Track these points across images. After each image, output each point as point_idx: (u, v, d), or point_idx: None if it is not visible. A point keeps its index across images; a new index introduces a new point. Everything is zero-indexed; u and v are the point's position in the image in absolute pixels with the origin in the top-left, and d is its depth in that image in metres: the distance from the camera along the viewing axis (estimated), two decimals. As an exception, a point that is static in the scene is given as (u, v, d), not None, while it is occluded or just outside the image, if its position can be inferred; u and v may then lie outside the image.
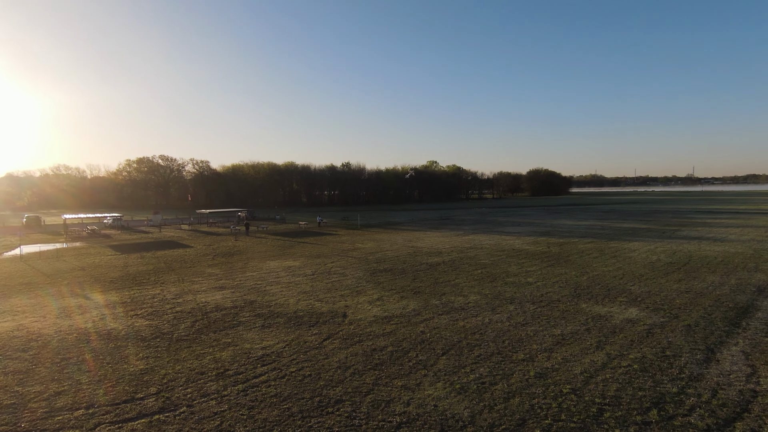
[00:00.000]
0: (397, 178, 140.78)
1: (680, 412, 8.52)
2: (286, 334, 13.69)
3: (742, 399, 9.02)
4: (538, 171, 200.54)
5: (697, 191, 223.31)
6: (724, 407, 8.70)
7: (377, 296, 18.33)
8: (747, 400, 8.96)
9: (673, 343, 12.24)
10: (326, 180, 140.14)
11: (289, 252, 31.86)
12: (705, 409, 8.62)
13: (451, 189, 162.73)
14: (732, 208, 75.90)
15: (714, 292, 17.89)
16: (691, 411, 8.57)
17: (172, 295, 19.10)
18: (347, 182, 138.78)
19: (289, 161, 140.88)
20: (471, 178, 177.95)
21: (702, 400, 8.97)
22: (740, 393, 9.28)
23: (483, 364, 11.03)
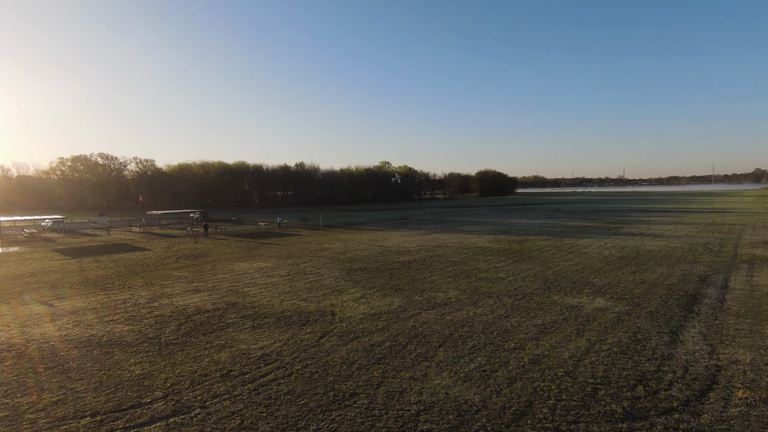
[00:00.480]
0: (351, 178, 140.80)
1: (662, 387, 9.58)
2: (280, 333, 13.69)
3: (710, 373, 10.27)
4: (487, 172, 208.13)
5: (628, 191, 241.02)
6: (696, 381, 9.88)
7: (360, 294, 18.62)
8: (713, 374, 10.21)
9: (641, 328, 13.55)
10: (279, 180, 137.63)
11: (256, 253, 31.29)
12: (681, 383, 9.75)
13: (404, 189, 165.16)
14: (662, 207, 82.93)
15: (665, 283, 19.79)
16: (670, 385, 9.66)
17: (145, 299, 18.35)
18: (301, 182, 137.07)
19: (240, 161, 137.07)
20: (423, 178, 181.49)
21: (677, 376, 10.12)
22: (706, 368, 10.55)
23: (479, 354, 11.69)
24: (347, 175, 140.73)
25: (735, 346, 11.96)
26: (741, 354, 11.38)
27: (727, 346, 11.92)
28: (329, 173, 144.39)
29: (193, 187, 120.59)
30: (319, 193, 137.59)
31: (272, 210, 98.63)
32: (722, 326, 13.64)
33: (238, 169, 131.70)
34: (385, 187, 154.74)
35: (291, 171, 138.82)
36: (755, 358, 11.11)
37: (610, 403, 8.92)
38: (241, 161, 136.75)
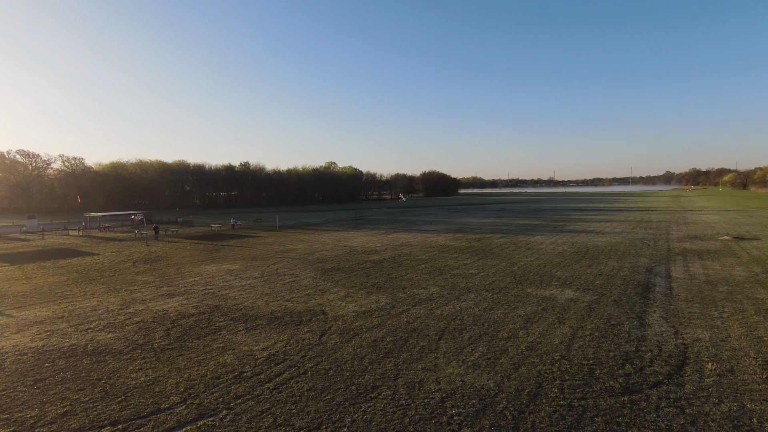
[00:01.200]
0: (299, 178, 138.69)
1: (645, 364, 10.83)
2: (278, 334, 13.66)
3: (680, 350, 11.73)
4: (432, 173, 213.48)
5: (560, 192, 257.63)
6: (671, 357, 11.26)
7: (344, 293, 18.84)
8: (683, 351, 11.68)
9: (612, 315, 15.02)
10: (223, 180, 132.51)
11: (219, 256, 30.32)
12: (660, 360, 11.07)
13: (351, 190, 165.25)
14: (594, 207, 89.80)
15: (618, 274, 21.84)
16: (651, 362, 10.95)
17: (116, 306, 17.37)
18: (246, 183, 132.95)
19: (181, 160, 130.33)
20: (371, 179, 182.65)
21: (655, 354, 11.46)
22: (676, 346, 12.02)
23: (478, 344, 12.45)
24: (294, 176, 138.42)
25: (693, 326, 13.66)
26: (700, 333, 13.04)
27: (686, 327, 13.58)
28: (276, 174, 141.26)
29: (127, 188, 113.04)
30: (265, 193, 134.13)
31: (217, 211, 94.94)
32: (677, 310, 15.45)
33: (179, 169, 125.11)
34: (332, 187, 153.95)
35: (235, 171, 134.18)
36: (712, 336, 12.79)
37: (608, 380, 9.98)
38: (181, 160, 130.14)
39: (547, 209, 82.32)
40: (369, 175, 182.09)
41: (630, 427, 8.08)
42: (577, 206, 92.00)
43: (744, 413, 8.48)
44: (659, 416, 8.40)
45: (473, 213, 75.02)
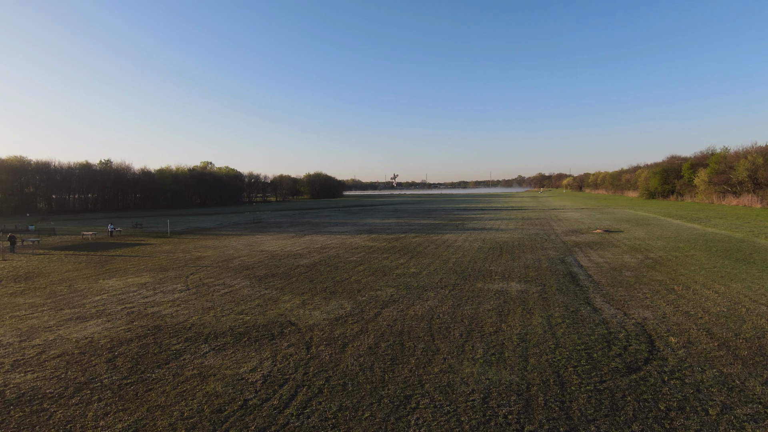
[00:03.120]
0: (174, 179, 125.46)
1: (625, 344, 12.04)
2: (257, 351, 12.04)
3: (641, 329, 13.32)
4: (318, 175, 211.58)
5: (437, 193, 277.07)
6: (639, 336, 12.71)
7: (299, 301, 17.46)
8: (644, 330, 13.29)
9: (565, 303, 16.46)
10: (77, 181, 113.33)
11: (114, 268, 25.76)
12: (633, 340, 12.42)
13: (233, 192, 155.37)
14: (476, 207, 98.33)
15: (542, 266, 24.11)
16: (629, 341, 12.23)
17: (12, 337, 13.56)
18: (109, 184, 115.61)
19: (18, 156, 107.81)
20: (254, 180, 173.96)
21: (626, 334, 12.83)
22: (636, 326, 13.64)
23: (473, 341, 12.55)
24: (169, 176, 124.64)
25: (633, 308, 15.66)
26: (642, 313, 15.00)
27: (630, 309, 15.51)
28: (145, 174, 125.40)
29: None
30: (134, 196, 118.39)
31: (72, 217, 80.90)
32: (610, 295, 17.58)
33: (16, 167, 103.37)
34: (213, 189, 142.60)
35: (94, 170, 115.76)
36: (653, 314, 14.80)
37: (609, 362, 10.86)
38: (18, 156, 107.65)
39: (436, 210, 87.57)
40: (252, 176, 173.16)
41: (657, 401, 8.87)
42: (461, 206, 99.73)
43: (727, 377, 9.94)
44: (671, 390, 9.39)
45: (371, 214, 76.24)
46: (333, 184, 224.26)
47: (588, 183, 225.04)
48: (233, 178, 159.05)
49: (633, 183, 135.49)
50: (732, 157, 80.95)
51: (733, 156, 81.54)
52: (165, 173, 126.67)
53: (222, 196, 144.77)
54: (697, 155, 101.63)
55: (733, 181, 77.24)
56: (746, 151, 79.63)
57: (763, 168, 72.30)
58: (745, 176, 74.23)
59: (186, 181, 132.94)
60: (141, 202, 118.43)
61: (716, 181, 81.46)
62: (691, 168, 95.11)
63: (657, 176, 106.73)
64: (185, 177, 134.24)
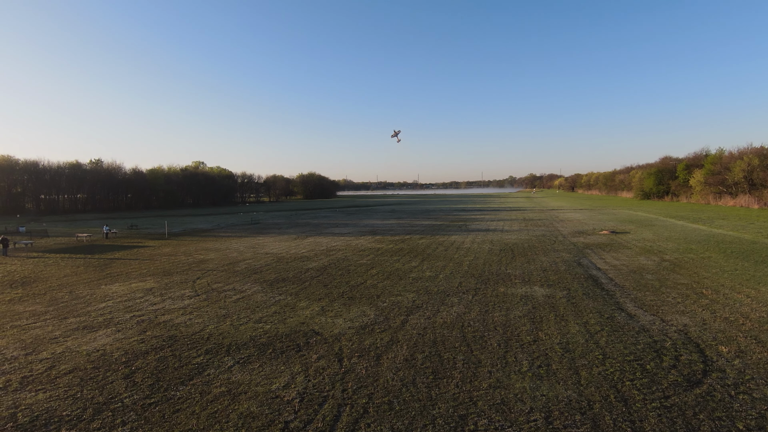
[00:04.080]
0: (167, 180, 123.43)
1: (677, 354, 11.44)
2: (285, 365, 11.22)
3: (687, 338, 12.72)
4: (311, 175, 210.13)
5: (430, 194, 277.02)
6: (686, 345, 12.11)
7: (318, 308, 16.65)
8: (690, 338, 12.70)
9: (596, 308, 15.85)
10: (67, 181, 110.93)
11: (115, 272, 24.70)
12: (683, 349, 11.80)
13: (226, 192, 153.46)
14: (474, 207, 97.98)
15: (560, 269, 23.52)
16: (678, 351, 11.61)
17: (17, 350, 12.59)
18: (99, 184, 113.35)
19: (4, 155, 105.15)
20: (247, 181, 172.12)
21: (672, 344, 12.22)
22: (679, 333, 13.05)
23: (515, 351, 11.86)
24: (161, 176, 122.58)
25: (668, 313, 15.09)
26: (680, 319, 14.43)
27: (666, 315, 14.94)
28: (136, 174, 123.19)
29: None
30: (129, 196, 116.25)
31: (62, 218, 79.01)
32: (639, 299, 17.01)
33: (2, 166, 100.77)
34: (205, 189, 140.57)
35: (84, 170, 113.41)
36: (692, 321, 14.22)
37: (665, 374, 10.22)
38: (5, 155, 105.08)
39: (434, 210, 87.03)
40: (245, 176, 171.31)
41: (733, 420, 8.24)
42: (459, 207, 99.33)
43: (795, 391, 9.36)
44: (743, 406, 8.77)
45: (369, 215, 75.44)
46: (326, 184, 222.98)
47: (581, 183, 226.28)
48: (226, 178, 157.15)
49: (627, 184, 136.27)
50: (727, 158, 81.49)
51: (728, 157, 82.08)
52: (157, 173, 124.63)
53: (215, 197, 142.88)
54: (691, 156, 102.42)
55: (729, 182, 77.75)
56: (742, 152, 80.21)
57: (759, 169, 72.85)
58: (741, 177, 74.75)
59: (178, 181, 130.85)
60: (132, 203, 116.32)
61: (712, 182, 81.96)
62: (686, 169, 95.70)
63: (652, 177, 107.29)
64: (177, 177, 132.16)
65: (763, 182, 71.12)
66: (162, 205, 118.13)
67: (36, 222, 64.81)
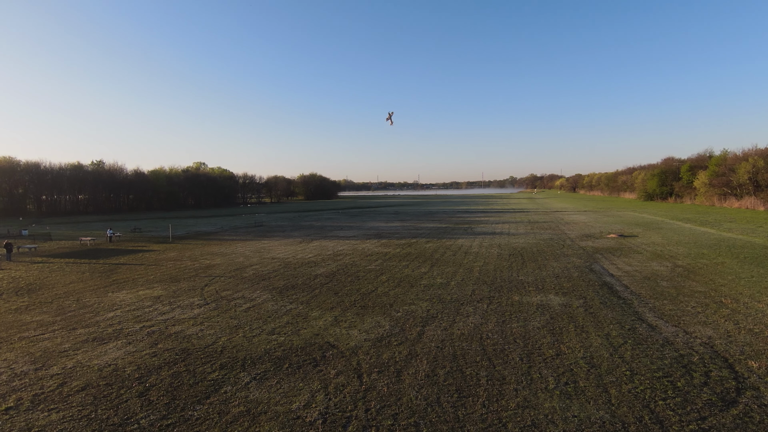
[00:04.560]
0: (168, 181, 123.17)
1: (706, 370, 11.10)
2: (304, 382, 10.90)
3: (714, 351, 12.38)
4: (313, 176, 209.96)
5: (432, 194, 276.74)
6: (715, 360, 11.77)
7: (331, 318, 16.33)
8: (714, 349, 12.36)
9: (616, 319, 15.50)
10: (68, 182, 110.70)
11: (121, 279, 24.39)
12: (711, 364, 11.47)
13: (228, 193, 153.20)
14: (477, 209, 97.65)
15: (573, 275, 23.19)
16: (707, 366, 11.28)
17: (26, 365, 12.27)
18: (101, 185, 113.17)
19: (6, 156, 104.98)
20: (249, 181, 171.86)
21: (700, 359, 11.88)
22: (704, 346, 12.72)
23: (539, 367, 11.53)
24: (163, 177, 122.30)
25: (690, 324, 14.76)
26: (703, 330, 14.10)
27: (688, 326, 14.61)
28: (138, 175, 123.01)
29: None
30: (131, 197, 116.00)
31: (65, 220, 78.74)
32: (658, 309, 16.68)
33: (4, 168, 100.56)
34: (207, 190, 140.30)
35: (85, 171, 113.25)
36: (716, 333, 13.88)
37: (698, 393, 9.89)
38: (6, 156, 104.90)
39: (437, 212, 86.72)
40: (246, 177, 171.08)
41: (777, 445, 7.92)
42: (461, 208, 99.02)
43: (836, 412, 9.03)
44: (784, 428, 8.45)
45: (373, 217, 75.12)
46: (328, 185, 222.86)
47: (582, 184, 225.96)
48: (227, 179, 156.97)
49: (629, 184, 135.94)
50: (732, 160, 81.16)
51: (733, 158, 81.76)
52: (159, 174, 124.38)
53: (217, 198, 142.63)
54: (695, 157, 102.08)
55: (734, 184, 77.40)
56: (746, 153, 79.90)
57: (764, 170, 72.48)
58: (746, 179, 74.39)
59: (180, 182, 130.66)
60: (134, 204, 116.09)
61: (716, 184, 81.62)
62: (690, 170, 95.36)
63: (655, 178, 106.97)
64: (179, 178, 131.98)
65: (769, 184, 70.77)
66: (164, 206, 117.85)
67: (38, 224, 64.54)
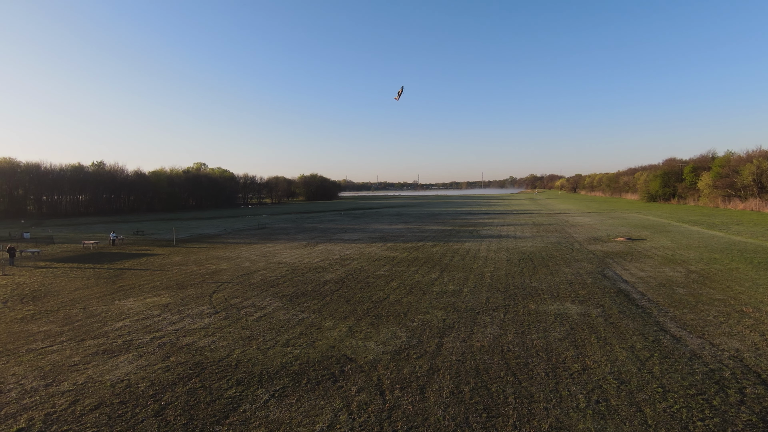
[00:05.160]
0: (170, 182, 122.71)
1: (741, 386, 10.74)
2: (324, 399, 10.53)
3: (743, 364, 12.01)
4: (314, 177, 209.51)
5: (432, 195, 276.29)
6: (747, 375, 11.41)
7: (345, 328, 15.96)
8: (744, 363, 11.99)
9: (639, 330, 15.13)
10: (69, 183, 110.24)
11: (127, 285, 24.01)
12: (746, 380, 11.10)
13: (229, 194, 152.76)
14: (480, 210, 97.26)
15: (586, 282, 22.82)
16: (741, 383, 10.92)
17: (39, 380, 11.89)
18: (102, 186, 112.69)
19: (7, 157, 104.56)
20: (249, 182, 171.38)
21: (733, 371, 11.52)
22: (733, 359, 12.35)
23: (566, 383, 11.16)
24: (164, 179, 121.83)
25: (715, 335, 14.39)
26: (729, 342, 13.73)
27: (713, 337, 14.24)
28: (139, 176, 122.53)
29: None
30: (131, 198, 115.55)
31: (66, 221, 78.33)
32: (678, 318, 16.31)
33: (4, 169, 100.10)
34: (208, 192, 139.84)
35: (86, 172, 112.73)
36: (744, 346, 13.53)
37: (736, 413, 9.53)
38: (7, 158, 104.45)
39: (440, 213, 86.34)
40: (247, 178, 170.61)
41: (829, 472, 7.56)
42: (464, 210, 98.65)
43: None
44: (832, 452, 8.09)
45: (376, 219, 74.73)
46: (328, 185, 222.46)
47: (583, 185, 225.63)
48: (228, 180, 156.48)
49: (631, 185, 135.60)
50: (736, 161, 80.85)
51: (737, 159, 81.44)
52: (160, 175, 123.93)
53: (218, 199, 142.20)
54: (697, 158, 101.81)
55: (738, 186, 77.06)
56: (750, 155, 79.56)
57: (769, 172, 72.15)
58: (751, 180, 74.07)
59: (181, 183, 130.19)
60: (135, 205, 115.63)
61: (720, 185, 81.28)
62: (693, 171, 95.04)
63: (658, 179, 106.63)
64: (180, 179, 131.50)
65: (774, 186, 70.43)
66: (165, 207, 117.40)
67: (39, 226, 64.12)
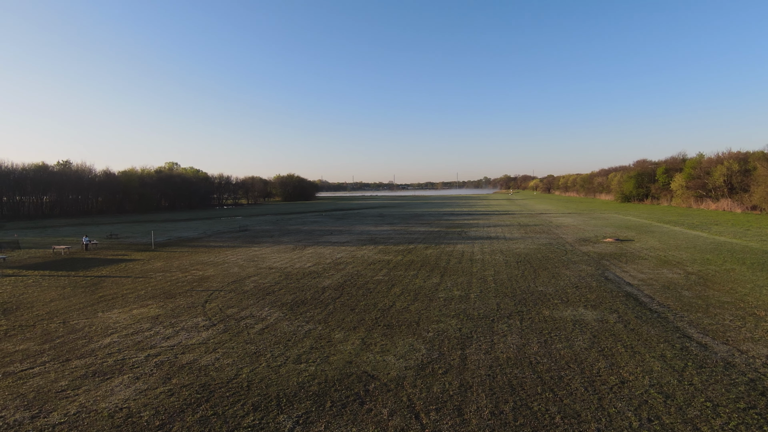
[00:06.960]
0: (141, 182, 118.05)
1: (785, 398, 10.37)
2: (357, 426, 9.54)
3: (779, 374, 11.73)
4: (290, 177, 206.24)
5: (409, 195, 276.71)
6: None
7: (358, 340, 14.97)
8: None
9: (663, 337, 14.74)
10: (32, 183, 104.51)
11: (108, 295, 22.27)
12: (786, 390, 10.78)
13: (203, 195, 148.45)
14: (461, 211, 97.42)
15: (592, 285, 22.51)
16: (785, 395, 10.56)
17: (23, 411, 10.42)
18: (67, 186, 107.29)
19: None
20: (224, 182, 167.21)
21: (770, 383, 11.18)
22: (765, 365, 12.05)
23: (610, 399, 10.54)
24: (136, 179, 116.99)
25: (739, 341, 14.12)
26: (757, 348, 13.45)
27: (739, 343, 13.95)
28: (108, 175, 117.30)
29: None
30: (100, 199, 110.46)
31: (29, 224, 73.97)
32: (696, 323, 16.05)
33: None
34: (181, 192, 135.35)
35: (51, 172, 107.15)
36: None
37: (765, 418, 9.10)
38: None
39: (423, 214, 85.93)
40: (222, 178, 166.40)
41: None
42: (446, 210, 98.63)
43: None
44: None
45: (359, 220, 73.63)
46: (306, 185, 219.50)
47: (557, 185, 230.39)
48: (202, 180, 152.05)
49: (605, 186, 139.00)
50: (707, 163, 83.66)
51: (708, 161, 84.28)
52: (130, 175, 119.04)
53: (191, 200, 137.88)
54: (668, 159, 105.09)
55: (709, 186, 79.74)
56: (721, 157, 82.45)
57: (738, 174, 74.91)
58: (721, 182, 76.73)
59: (153, 183, 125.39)
60: (104, 207, 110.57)
61: (692, 186, 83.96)
62: (666, 172, 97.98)
63: (632, 180, 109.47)
64: (152, 179, 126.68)
65: (743, 186, 73.12)
66: (136, 209, 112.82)
67: (1, 230, 60.13)
